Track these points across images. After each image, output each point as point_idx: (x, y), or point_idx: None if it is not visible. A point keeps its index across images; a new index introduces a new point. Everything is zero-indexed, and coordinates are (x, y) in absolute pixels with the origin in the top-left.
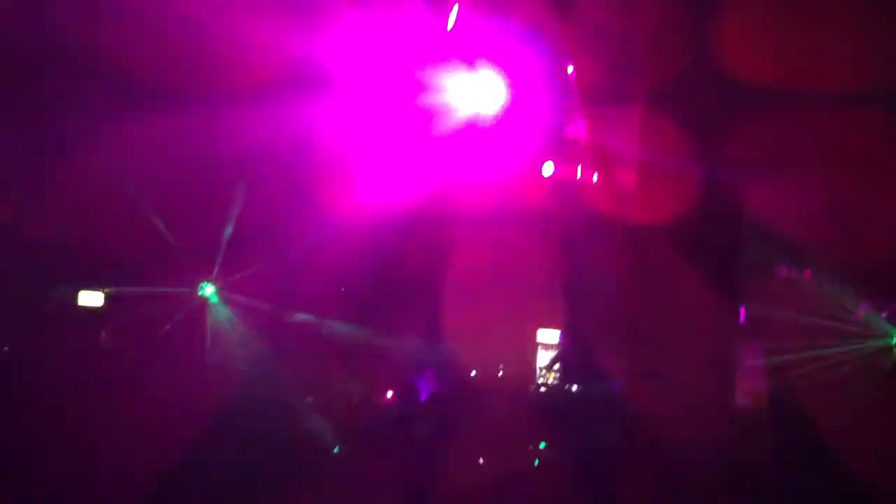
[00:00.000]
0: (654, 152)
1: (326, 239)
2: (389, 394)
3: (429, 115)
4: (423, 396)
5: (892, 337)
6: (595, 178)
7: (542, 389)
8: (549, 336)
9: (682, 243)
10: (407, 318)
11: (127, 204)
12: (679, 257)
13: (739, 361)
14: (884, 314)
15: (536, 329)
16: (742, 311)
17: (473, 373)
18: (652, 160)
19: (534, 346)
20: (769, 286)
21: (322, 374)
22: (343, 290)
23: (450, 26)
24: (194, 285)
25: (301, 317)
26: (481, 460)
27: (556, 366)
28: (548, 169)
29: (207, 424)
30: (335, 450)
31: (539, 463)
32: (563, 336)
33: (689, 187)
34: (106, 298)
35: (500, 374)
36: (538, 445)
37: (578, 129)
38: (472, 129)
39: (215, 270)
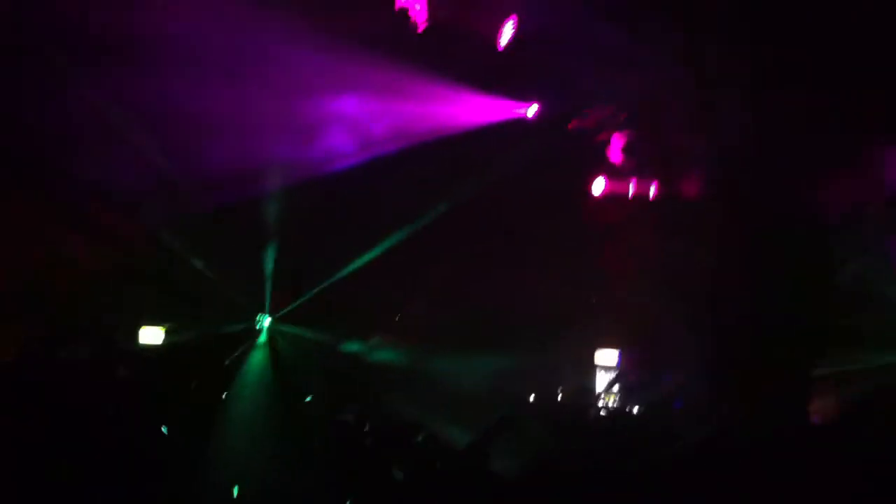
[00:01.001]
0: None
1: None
2: None
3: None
4: None
5: None
6: (653, 190)
7: (603, 413)
8: (607, 357)
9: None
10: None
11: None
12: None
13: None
14: None
15: (594, 350)
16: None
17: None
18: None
19: (592, 368)
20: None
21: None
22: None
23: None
24: (251, 318)
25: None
26: None
27: (616, 387)
28: (598, 186)
29: None
30: None
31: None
32: (622, 357)
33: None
34: (166, 335)
35: (560, 396)
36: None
37: (630, 140)
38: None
39: (268, 301)
